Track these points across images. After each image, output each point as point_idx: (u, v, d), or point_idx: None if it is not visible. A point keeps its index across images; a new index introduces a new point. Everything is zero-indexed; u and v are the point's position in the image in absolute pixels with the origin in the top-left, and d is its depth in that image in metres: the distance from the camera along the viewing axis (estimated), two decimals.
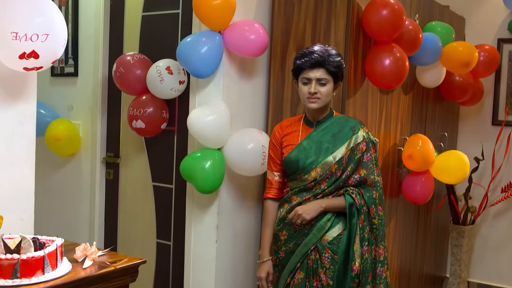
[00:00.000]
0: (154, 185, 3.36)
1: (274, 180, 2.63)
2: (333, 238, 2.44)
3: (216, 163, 2.81)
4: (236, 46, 2.85)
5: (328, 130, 2.51)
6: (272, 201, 2.63)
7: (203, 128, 2.75)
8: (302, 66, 2.44)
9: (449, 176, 3.62)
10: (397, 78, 3.04)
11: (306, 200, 2.48)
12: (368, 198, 2.46)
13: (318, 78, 2.42)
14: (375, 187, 2.49)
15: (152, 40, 3.34)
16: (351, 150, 2.46)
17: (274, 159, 2.62)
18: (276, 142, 2.61)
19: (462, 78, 4.04)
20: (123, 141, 3.50)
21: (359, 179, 2.47)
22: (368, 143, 2.49)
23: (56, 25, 1.94)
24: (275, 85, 3.19)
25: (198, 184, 2.80)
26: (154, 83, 3.02)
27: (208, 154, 2.81)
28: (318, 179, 2.46)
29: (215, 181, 2.81)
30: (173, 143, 3.26)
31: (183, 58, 2.78)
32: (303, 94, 2.46)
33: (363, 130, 2.51)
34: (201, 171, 2.77)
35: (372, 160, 2.49)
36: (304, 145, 2.51)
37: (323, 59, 2.41)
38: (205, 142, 2.81)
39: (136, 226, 3.46)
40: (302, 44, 3.08)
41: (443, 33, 3.65)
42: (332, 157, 2.45)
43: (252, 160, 2.83)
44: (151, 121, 3.12)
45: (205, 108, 2.80)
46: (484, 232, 4.68)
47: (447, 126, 4.49)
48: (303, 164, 2.48)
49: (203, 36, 2.79)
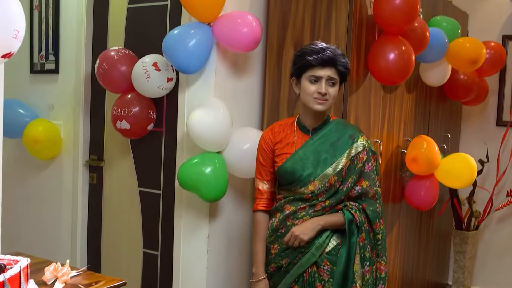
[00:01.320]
0: (141, 191, 3.17)
1: (264, 189, 2.41)
2: (331, 249, 2.25)
3: (218, 168, 2.58)
4: (227, 40, 2.62)
5: (326, 139, 2.30)
6: (263, 213, 2.41)
7: (205, 131, 2.52)
8: (313, 63, 2.21)
9: (455, 180, 3.42)
10: (403, 73, 2.82)
11: (301, 209, 2.27)
12: (372, 213, 2.26)
13: (329, 77, 2.21)
14: (378, 200, 2.29)
15: (138, 34, 3.13)
16: (351, 160, 2.27)
17: (265, 166, 2.40)
18: (267, 149, 2.39)
19: (467, 76, 3.85)
20: (107, 143, 3.31)
21: (360, 191, 2.27)
22: (369, 152, 2.30)
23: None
24: (271, 83, 2.97)
25: (202, 192, 2.57)
26: (140, 80, 2.81)
27: (207, 159, 2.58)
28: (316, 192, 2.24)
29: (220, 187, 2.59)
30: (160, 145, 3.06)
31: (169, 52, 2.57)
32: (309, 93, 2.23)
33: (362, 138, 2.31)
34: (203, 179, 2.54)
35: (373, 171, 2.30)
36: (300, 155, 2.30)
37: (335, 58, 2.21)
38: (206, 146, 2.59)
39: (121, 234, 3.26)
40: (300, 38, 2.86)
41: (448, 29, 3.45)
42: (332, 169, 2.25)
43: (252, 161, 2.57)
44: (136, 122, 2.91)
45: (204, 109, 2.57)
46: (487, 237, 4.50)
47: (450, 126, 4.30)
48: (300, 176, 2.27)
49: (191, 28, 2.57)
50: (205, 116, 2.52)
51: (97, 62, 2.95)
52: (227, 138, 2.62)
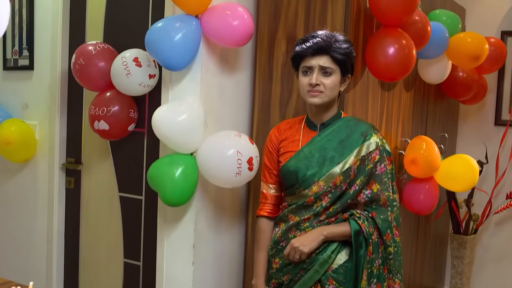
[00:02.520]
0: (121, 196, 2.96)
1: (269, 194, 2.22)
2: (338, 266, 2.02)
3: (188, 171, 2.38)
4: (216, 34, 2.42)
5: (334, 135, 2.09)
6: (266, 220, 2.22)
7: (171, 130, 2.32)
8: (302, 53, 2.02)
9: (456, 183, 3.24)
10: (403, 68, 2.62)
11: (305, 220, 2.06)
12: (382, 222, 2.03)
13: (321, 66, 2.01)
14: (390, 207, 2.06)
15: (118, 27, 2.92)
16: (361, 160, 2.04)
17: (270, 168, 2.20)
18: (273, 148, 2.19)
19: (466, 74, 3.67)
20: (85, 145, 3.10)
21: (370, 195, 2.04)
22: (382, 152, 2.08)
23: None
24: (261, 80, 2.77)
25: (164, 195, 2.38)
26: (120, 77, 2.60)
27: (178, 160, 2.39)
28: (320, 193, 2.03)
29: (184, 192, 2.39)
30: (142, 147, 2.86)
31: (153, 46, 2.35)
32: (303, 86, 2.05)
33: (376, 136, 2.09)
34: (169, 180, 2.35)
35: (387, 173, 2.07)
36: (305, 153, 2.09)
37: (328, 44, 2.01)
38: (174, 146, 2.39)
39: (101, 243, 3.06)
40: (293, 32, 2.65)
41: (448, 23, 3.26)
42: (339, 168, 2.03)
43: (224, 169, 2.36)
44: (116, 122, 2.70)
45: (173, 106, 2.37)
46: (485, 241, 4.33)
47: (447, 126, 4.12)
48: (303, 175, 2.06)
49: (177, 21, 2.36)
50: (172, 113, 2.31)
51: (73, 57, 2.74)
52: (198, 140, 2.40)
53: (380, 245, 2.04)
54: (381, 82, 2.90)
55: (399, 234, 2.07)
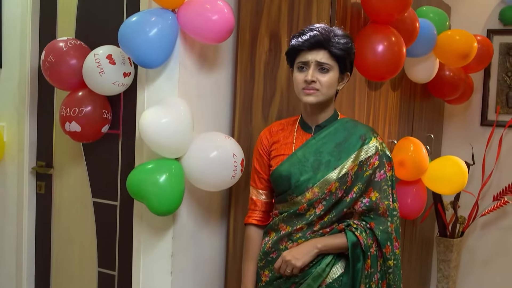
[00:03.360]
0: (95, 202, 2.82)
1: (258, 200, 2.09)
2: (333, 280, 1.90)
3: (174, 177, 2.23)
4: (194, 29, 2.27)
5: (330, 138, 1.96)
6: (256, 228, 2.09)
7: (159, 134, 2.16)
8: (298, 47, 1.89)
9: (444, 186, 3.14)
10: (392, 67, 2.51)
11: (297, 230, 1.93)
12: (381, 234, 1.90)
13: (318, 62, 1.88)
14: (389, 217, 1.93)
15: (91, 22, 2.77)
16: (359, 165, 1.91)
17: (260, 173, 2.07)
18: (263, 151, 2.06)
19: (453, 72, 3.57)
20: (56, 148, 2.95)
21: (368, 204, 1.91)
22: (382, 157, 1.94)
23: None
24: (243, 79, 2.63)
25: (152, 204, 2.22)
26: (92, 75, 2.45)
27: (163, 166, 2.24)
28: (314, 200, 1.90)
29: (173, 200, 2.24)
30: (117, 149, 2.71)
31: (126, 42, 2.21)
32: (298, 83, 1.92)
33: (376, 140, 1.96)
34: (154, 188, 2.19)
35: (386, 180, 1.93)
36: (299, 156, 1.96)
37: (326, 38, 1.87)
38: (162, 151, 2.24)
39: (74, 251, 2.91)
40: (276, 28, 2.52)
41: (436, 20, 3.15)
42: (335, 174, 1.90)
43: (219, 171, 2.26)
44: (88, 123, 2.55)
45: (160, 108, 2.22)
46: (471, 244, 4.25)
47: (433, 127, 4.03)
48: (296, 181, 1.93)
49: (152, 15, 2.22)
50: (160, 116, 2.16)
51: (42, 54, 2.59)
52: (186, 143, 2.27)
53: (379, 258, 1.91)
54: (368, 81, 2.79)
55: (399, 246, 1.95)
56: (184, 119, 2.22)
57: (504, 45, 4.06)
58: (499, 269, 4.14)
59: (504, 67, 4.08)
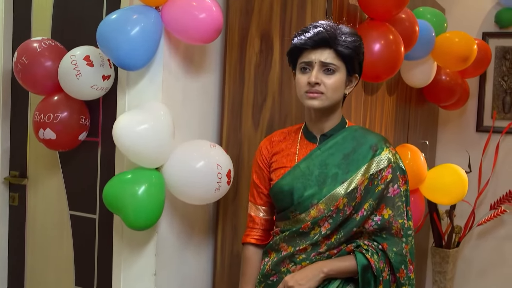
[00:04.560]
0: (72, 215, 2.66)
1: (257, 217, 1.92)
2: None
3: (154, 188, 2.06)
4: (180, 28, 2.11)
5: (338, 149, 1.78)
6: (254, 248, 1.92)
7: (136, 142, 1.99)
8: (301, 45, 1.73)
9: (443, 195, 3.00)
10: (390, 67, 2.37)
11: (300, 251, 1.75)
12: (395, 256, 1.72)
13: (323, 62, 1.71)
14: (404, 237, 1.75)
15: (68, 21, 2.61)
16: (370, 179, 1.74)
17: (259, 187, 1.91)
18: (263, 163, 1.89)
19: (449, 77, 3.44)
20: (31, 157, 2.79)
21: (380, 223, 1.73)
22: (395, 170, 1.77)
23: None
24: (232, 82, 2.47)
25: (128, 217, 2.05)
26: (69, 78, 2.29)
27: (142, 176, 2.07)
28: (319, 218, 1.73)
29: (151, 214, 2.07)
30: (96, 158, 2.55)
31: (105, 42, 2.04)
32: (300, 86, 1.75)
33: (388, 151, 1.78)
34: (132, 200, 2.03)
35: (401, 196, 1.76)
36: (302, 169, 1.78)
37: (332, 36, 1.71)
38: (139, 160, 2.06)
39: (49, 268, 2.74)
40: (268, 28, 2.36)
41: (433, 22, 3.01)
42: (343, 188, 1.73)
43: (201, 184, 2.09)
44: (64, 130, 2.39)
45: (138, 113, 2.05)
46: (467, 254, 4.12)
47: (427, 133, 3.89)
48: (300, 196, 1.76)
49: (134, 13, 2.06)
50: (137, 122, 1.99)
51: (15, 55, 2.43)
52: (166, 152, 2.10)
53: (392, 283, 1.74)
54: (364, 85, 2.63)
55: (413, 269, 1.77)
56: (164, 126, 2.05)
57: (500, 48, 3.95)
58: (496, 280, 4.01)
59: (500, 71, 3.97)
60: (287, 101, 2.34)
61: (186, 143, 2.19)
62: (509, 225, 3.97)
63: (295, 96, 2.29)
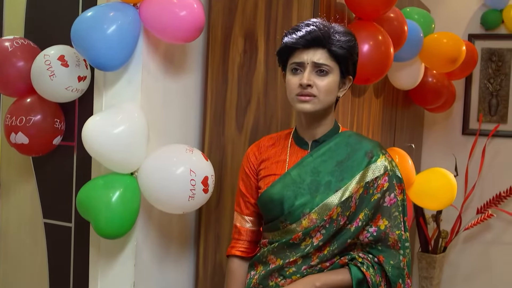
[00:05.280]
0: (46, 223, 2.53)
1: (244, 228, 1.81)
2: None
3: (127, 195, 1.96)
4: (159, 26, 2.01)
5: (331, 155, 1.69)
6: (239, 261, 1.81)
7: (106, 145, 1.89)
8: (292, 44, 1.63)
9: (432, 200, 2.95)
10: (379, 68, 2.29)
11: (290, 263, 1.66)
12: (392, 269, 1.63)
13: (315, 63, 1.61)
14: (401, 249, 1.65)
15: (42, 19, 2.50)
16: (365, 187, 1.65)
17: (246, 196, 1.80)
18: (250, 171, 1.79)
19: (436, 79, 3.38)
20: (3, 162, 2.67)
21: (376, 234, 1.64)
22: (392, 178, 1.67)
23: None
24: (214, 84, 2.37)
25: (99, 225, 1.95)
26: (42, 79, 2.17)
27: (115, 182, 1.97)
28: (311, 228, 1.63)
29: (124, 221, 1.96)
30: (71, 164, 2.43)
31: (81, 41, 1.93)
32: (291, 88, 1.65)
33: (384, 158, 1.69)
34: (104, 207, 1.93)
35: (397, 206, 1.67)
36: (293, 177, 1.68)
37: (325, 35, 1.61)
38: (111, 164, 1.96)
39: (22, 279, 2.62)
40: (252, 27, 2.26)
41: (421, 22, 2.95)
42: (336, 197, 1.63)
43: (175, 191, 1.97)
44: (38, 134, 2.28)
45: (109, 115, 1.95)
46: (453, 259, 4.06)
47: (413, 136, 3.82)
48: (291, 206, 1.66)
49: (111, 10, 1.95)
50: (108, 124, 1.88)
51: None
52: (140, 157, 1.99)
53: None
54: (351, 87, 2.54)
55: (411, 283, 1.69)
56: (137, 129, 1.94)
57: (486, 50, 3.90)
58: (482, 285, 3.97)
59: (486, 73, 3.92)
60: (273, 103, 2.24)
61: (162, 148, 2.08)
62: (496, 229, 3.93)
63: (281, 98, 2.21)
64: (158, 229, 2.24)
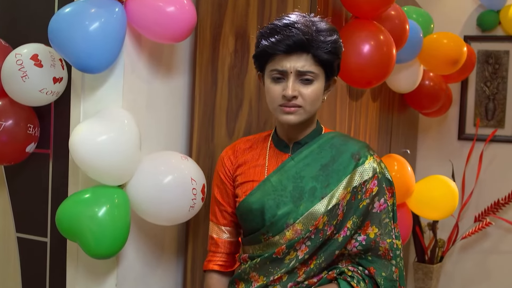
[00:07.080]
0: (20, 238, 2.34)
1: (221, 239, 1.66)
2: None
3: (117, 210, 1.77)
4: (146, 24, 1.84)
5: (314, 158, 1.54)
6: (218, 276, 1.66)
7: (96, 155, 1.70)
8: (270, 51, 1.44)
9: (432, 210, 2.82)
10: (381, 71, 2.13)
11: (274, 281, 1.51)
12: (385, 282, 1.49)
13: (299, 71, 1.45)
14: (393, 259, 1.52)
15: (16, 17, 2.31)
16: (353, 193, 1.50)
17: (222, 204, 1.65)
18: (226, 177, 1.64)
19: (433, 82, 3.24)
20: None
21: (365, 243, 1.50)
22: (381, 182, 1.53)
23: None
24: (203, 86, 2.19)
25: (87, 245, 1.76)
26: (13, 81, 1.99)
27: (102, 195, 1.77)
28: (295, 240, 1.48)
29: (115, 239, 1.78)
30: (47, 173, 2.24)
31: (59, 39, 1.74)
32: (273, 98, 1.49)
33: (373, 159, 1.54)
34: (91, 224, 1.73)
35: (388, 212, 1.53)
36: (274, 183, 1.53)
37: (309, 38, 1.43)
38: (101, 176, 1.77)
39: None
40: (244, 25, 2.09)
41: (420, 22, 2.80)
42: (323, 205, 1.48)
43: (174, 202, 1.82)
44: (9, 141, 2.10)
45: (98, 122, 1.76)
46: (449, 269, 3.93)
47: (409, 141, 3.68)
48: (272, 216, 1.50)
49: (93, 6, 1.77)
50: (97, 132, 1.70)
51: None
52: (132, 167, 1.81)
53: None
54: (349, 89, 2.39)
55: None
56: (129, 136, 1.76)
57: (483, 52, 3.78)
58: None
59: (483, 77, 3.80)
60: (266, 107, 2.06)
61: (154, 155, 1.91)
62: (494, 237, 3.80)
63: None
64: (142, 244, 2.06)
